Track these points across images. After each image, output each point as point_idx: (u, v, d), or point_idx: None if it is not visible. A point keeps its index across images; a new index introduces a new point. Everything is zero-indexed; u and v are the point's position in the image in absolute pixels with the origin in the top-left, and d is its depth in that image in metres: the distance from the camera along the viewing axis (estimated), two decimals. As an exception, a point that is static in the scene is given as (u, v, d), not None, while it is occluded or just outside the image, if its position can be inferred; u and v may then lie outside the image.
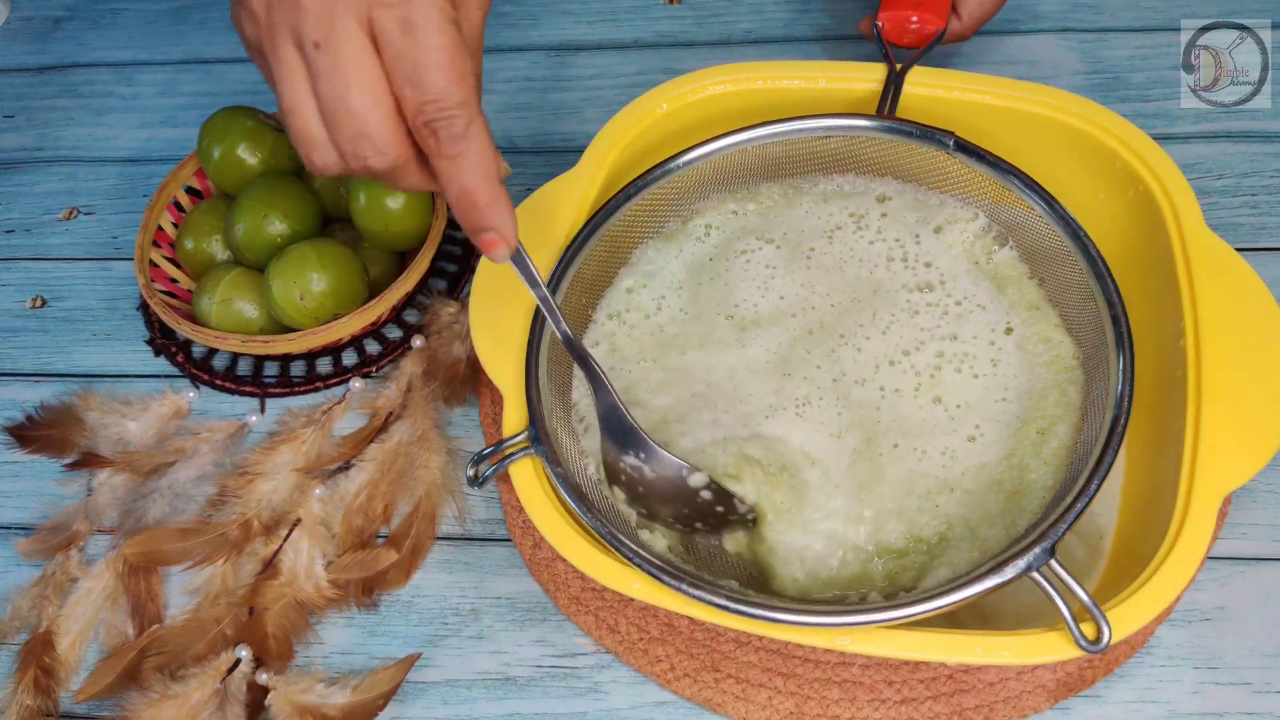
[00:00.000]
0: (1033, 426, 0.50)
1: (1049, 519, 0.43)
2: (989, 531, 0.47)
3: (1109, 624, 0.41)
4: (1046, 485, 0.48)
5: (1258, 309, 0.48)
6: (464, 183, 0.39)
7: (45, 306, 0.71)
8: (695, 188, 0.57)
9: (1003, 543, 0.46)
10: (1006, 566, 0.42)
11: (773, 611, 0.43)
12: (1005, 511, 0.48)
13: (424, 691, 0.54)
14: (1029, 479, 0.48)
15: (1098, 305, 0.49)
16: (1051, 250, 0.52)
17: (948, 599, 0.42)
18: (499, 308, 0.53)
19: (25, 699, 0.54)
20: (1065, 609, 0.41)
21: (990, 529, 0.47)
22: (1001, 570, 0.42)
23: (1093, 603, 0.41)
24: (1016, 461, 0.49)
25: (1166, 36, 0.72)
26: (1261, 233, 0.64)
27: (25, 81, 0.83)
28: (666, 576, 0.44)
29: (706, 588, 0.44)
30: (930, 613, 0.42)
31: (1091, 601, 0.41)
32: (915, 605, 0.42)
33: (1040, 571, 0.42)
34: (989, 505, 0.48)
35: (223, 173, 0.66)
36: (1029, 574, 0.42)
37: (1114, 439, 0.45)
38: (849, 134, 0.55)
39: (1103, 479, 0.44)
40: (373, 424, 0.61)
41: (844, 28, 0.77)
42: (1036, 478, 0.48)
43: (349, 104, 0.37)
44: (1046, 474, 0.48)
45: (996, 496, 0.48)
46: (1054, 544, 0.42)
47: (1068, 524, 0.43)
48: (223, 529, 0.57)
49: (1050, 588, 0.41)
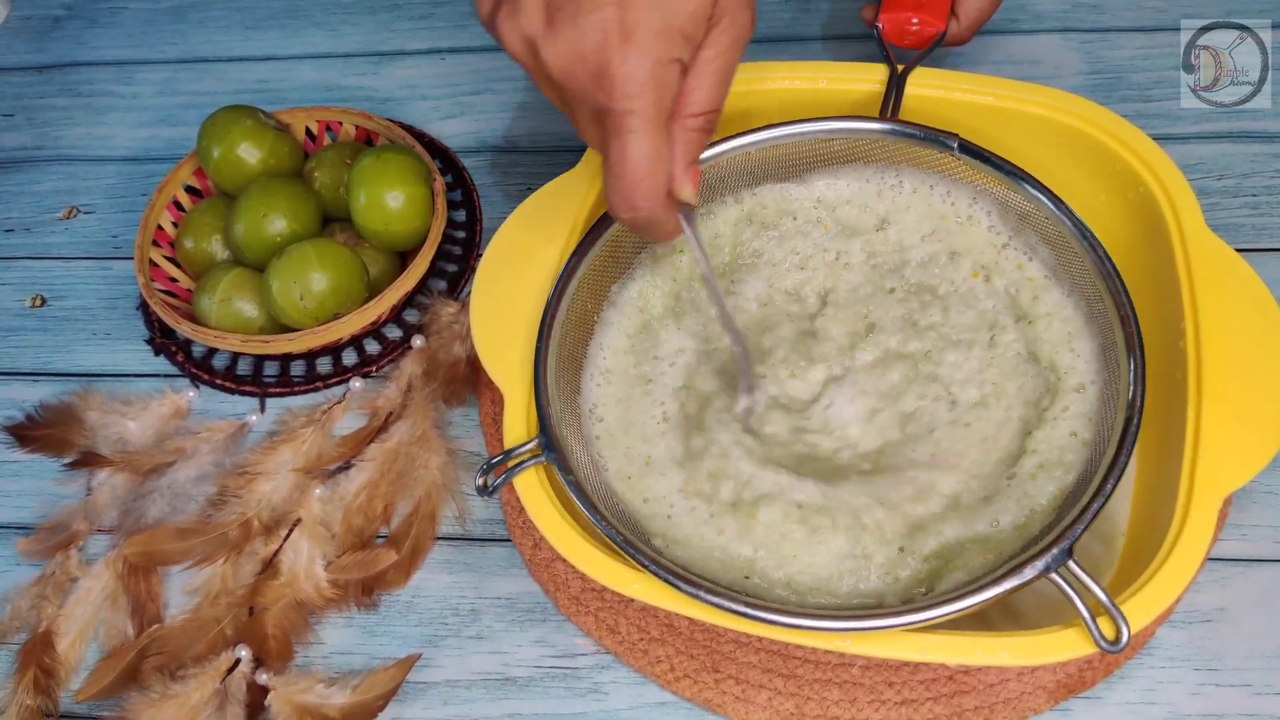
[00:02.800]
0: (1045, 427, 0.50)
1: (1065, 520, 0.43)
2: (1003, 535, 0.47)
3: (1128, 622, 0.41)
4: (1062, 487, 0.48)
5: (1258, 310, 0.48)
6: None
7: (45, 306, 0.71)
8: (702, 191, 0.57)
9: (1017, 544, 0.46)
10: (1025, 568, 0.42)
11: (773, 613, 0.43)
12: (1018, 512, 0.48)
13: (424, 692, 0.54)
14: (1043, 480, 0.48)
15: (1106, 306, 0.48)
16: (1058, 251, 0.52)
17: (966, 601, 0.42)
18: (500, 308, 0.53)
19: (25, 699, 0.54)
20: (1084, 608, 0.41)
21: (1004, 531, 0.47)
22: (1020, 572, 0.42)
23: (1111, 601, 0.41)
24: (1031, 461, 0.49)
25: (1167, 37, 0.72)
26: (1262, 233, 0.64)
27: (25, 80, 0.83)
28: (681, 581, 0.44)
29: (706, 588, 0.44)
30: (948, 616, 0.42)
31: (1110, 600, 0.41)
32: (933, 609, 0.42)
33: (1058, 572, 0.42)
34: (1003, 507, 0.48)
35: (222, 172, 0.66)
36: (1047, 575, 0.42)
37: (1127, 439, 0.44)
38: (853, 136, 0.55)
39: (1118, 479, 0.44)
40: (373, 424, 0.61)
41: (844, 28, 0.76)
42: (1051, 479, 0.48)
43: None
44: (1062, 475, 0.48)
45: (1010, 497, 0.48)
46: (1071, 545, 0.42)
47: (1085, 524, 0.42)
48: (222, 529, 0.57)
49: (1069, 588, 0.41)
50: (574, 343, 0.53)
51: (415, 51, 0.80)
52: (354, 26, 0.82)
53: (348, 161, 0.67)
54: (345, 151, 0.68)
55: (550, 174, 0.57)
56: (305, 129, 0.71)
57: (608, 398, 0.54)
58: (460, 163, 0.73)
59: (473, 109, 0.76)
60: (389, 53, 0.80)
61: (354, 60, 0.80)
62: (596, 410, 0.54)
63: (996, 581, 0.42)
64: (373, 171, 0.63)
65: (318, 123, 0.71)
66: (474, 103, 0.76)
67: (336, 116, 0.71)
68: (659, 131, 0.42)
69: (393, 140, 0.68)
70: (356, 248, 0.64)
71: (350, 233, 0.66)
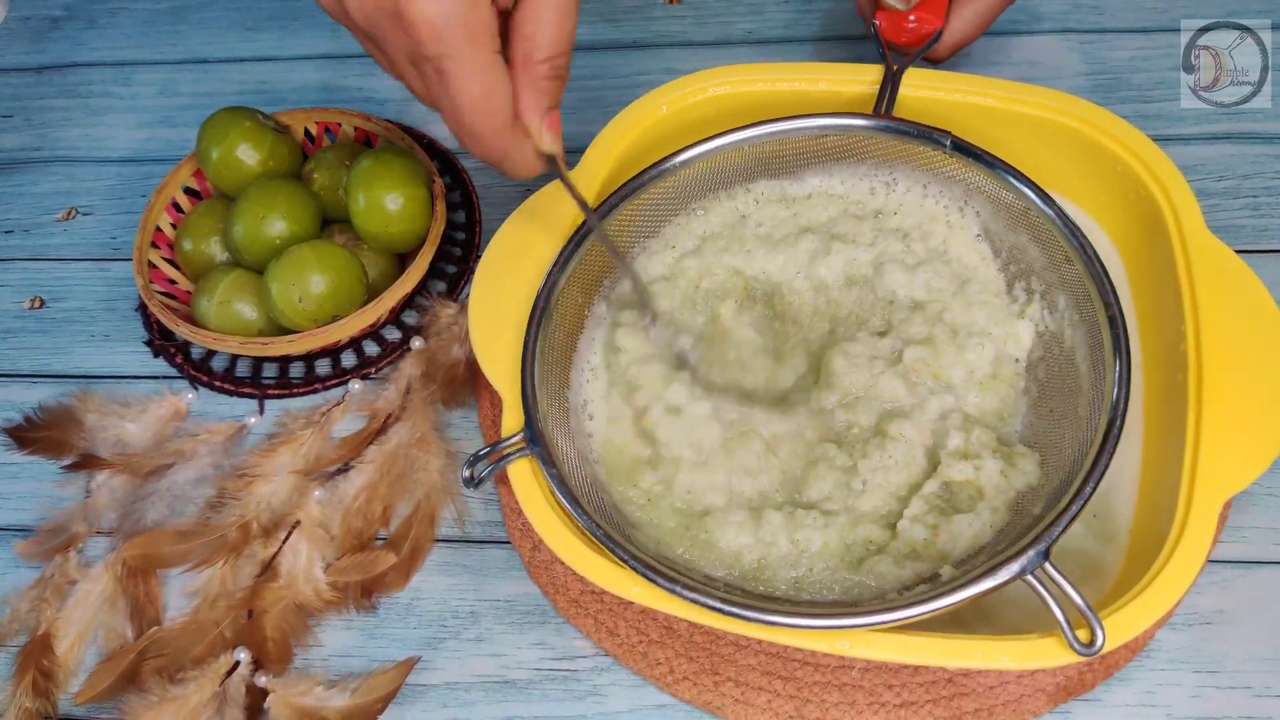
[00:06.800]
0: (1031, 427, 0.50)
1: (1044, 522, 0.43)
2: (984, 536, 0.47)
3: (1103, 628, 0.41)
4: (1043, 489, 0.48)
5: (1259, 313, 0.48)
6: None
7: (43, 307, 0.71)
8: (692, 186, 0.57)
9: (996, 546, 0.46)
10: (1000, 570, 0.42)
11: (769, 614, 0.43)
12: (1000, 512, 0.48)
13: (423, 694, 0.54)
14: (1024, 482, 0.48)
15: (1094, 306, 0.48)
16: (1049, 251, 0.52)
17: (942, 601, 0.42)
18: (498, 310, 0.53)
19: (24, 702, 0.54)
20: (1059, 613, 0.41)
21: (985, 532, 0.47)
22: (995, 573, 0.42)
23: (1087, 606, 0.41)
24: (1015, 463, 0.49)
25: (1167, 37, 0.72)
26: (1263, 235, 0.63)
27: (24, 81, 0.83)
28: (658, 578, 0.44)
29: (702, 590, 0.43)
30: (924, 615, 0.42)
31: (1086, 604, 0.41)
32: (909, 608, 0.42)
33: (1035, 575, 0.42)
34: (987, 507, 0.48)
35: (221, 174, 0.66)
36: (1023, 577, 0.42)
37: (1109, 442, 0.44)
38: (845, 133, 0.55)
39: (1097, 482, 0.44)
40: (372, 426, 0.61)
41: (843, 28, 0.76)
42: (1032, 481, 0.48)
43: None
44: (1042, 478, 0.48)
45: (993, 499, 0.48)
46: (1049, 547, 0.42)
47: (1062, 526, 0.42)
48: (221, 531, 0.57)
49: (1045, 591, 0.41)
50: (564, 337, 0.54)
51: (414, 52, 0.80)
52: (353, 27, 0.82)
53: (347, 163, 0.66)
54: (344, 153, 0.68)
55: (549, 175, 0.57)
56: (304, 130, 0.71)
57: (597, 393, 0.55)
58: (459, 164, 0.73)
59: (472, 110, 0.76)
60: (388, 53, 0.80)
61: (353, 61, 0.80)
62: (588, 406, 0.54)
63: (972, 582, 0.42)
64: (372, 173, 0.63)
65: (317, 124, 0.71)
66: (473, 104, 0.76)
67: (336, 118, 0.70)
68: (484, 70, 0.40)
69: (392, 142, 0.68)
70: (356, 249, 0.64)
71: (349, 234, 0.66)
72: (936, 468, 0.50)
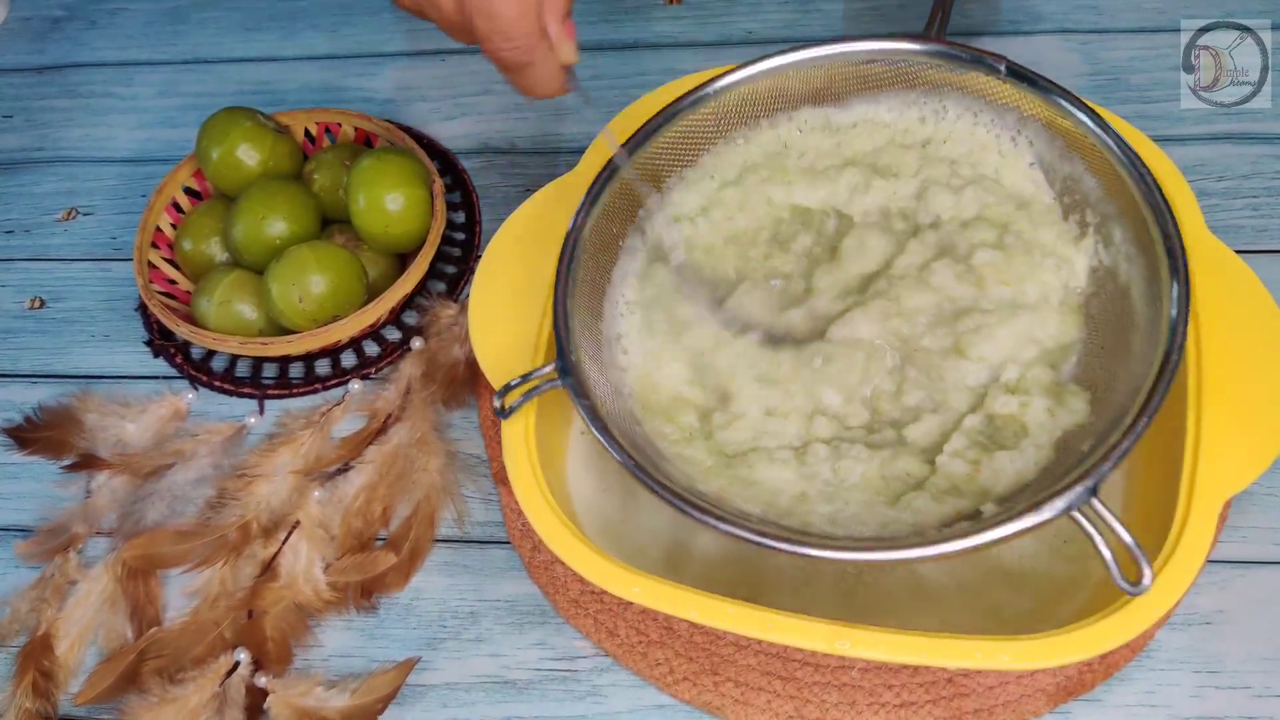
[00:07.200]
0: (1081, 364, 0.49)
1: (1092, 457, 0.42)
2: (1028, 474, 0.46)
3: (1150, 566, 0.39)
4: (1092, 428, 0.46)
5: (1258, 313, 0.48)
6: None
7: (44, 307, 0.71)
8: (732, 114, 0.55)
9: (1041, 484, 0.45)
10: (1045, 506, 0.40)
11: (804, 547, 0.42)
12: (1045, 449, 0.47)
13: (423, 695, 0.54)
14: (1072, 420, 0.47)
15: (1151, 234, 0.46)
16: (1105, 180, 0.50)
17: (984, 536, 0.41)
18: (498, 310, 0.53)
19: (24, 702, 0.54)
20: (1107, 552, 0.40)
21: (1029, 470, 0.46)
22: (1040, 509, 0.40)
23: (1135, 543, 0.39)
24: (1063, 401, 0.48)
25: (1167, 37, 0.72)
26: (1263, 235, 0.63)
27: (24, 82, 0.83)
28: (689, 507, 0.43)
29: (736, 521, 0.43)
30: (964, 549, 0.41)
31: (1134, 541, 0.39)
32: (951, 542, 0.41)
33: (1081, 510, 0.40)
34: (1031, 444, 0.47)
35: (222, 174, 0.66)
36: (1069, 513, 0.40)
37: (1165, 373, 0.42)
38: (895, 59, 0.53)
39: (1151, 417, 0.42)
40: (372, 426, 0.61)
41: (843, 29, 0.76)
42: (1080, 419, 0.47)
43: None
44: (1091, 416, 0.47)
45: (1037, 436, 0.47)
46: (1097, 483, 0.40)
47: (1112, 462, 0.41)
48: (221, 531, 0.57)
49: (1092, 529, 0.40)
50: (597, 270, 0.53)
51: (415, 53, 0.80)
52: (353, 28, 0.82)
53: (347, 163, 0.66)
54: (344, 153, 0.68)
55: (549, 176, 0.57)
56: (304, 130, 0.71)
57: (632, 328, 0.54)
58: (459, 164, 0.73)
59: (472, 110, 0.76)
60: (389, 54, 0.80)
61: (354, 62, 0.80)
62: (622, 340, 0.53)
63: (1016, 517, 0.41)
64: (372, 173, 0.63)
65: (317, 124, 0.71)
66: (473, 104, 0.76)
67: (336, 118, 0.70)
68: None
69: (392, 142, 0.68)
70: (356, 250, 0.64)
71: (349, 235, 0.66)
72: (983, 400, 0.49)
